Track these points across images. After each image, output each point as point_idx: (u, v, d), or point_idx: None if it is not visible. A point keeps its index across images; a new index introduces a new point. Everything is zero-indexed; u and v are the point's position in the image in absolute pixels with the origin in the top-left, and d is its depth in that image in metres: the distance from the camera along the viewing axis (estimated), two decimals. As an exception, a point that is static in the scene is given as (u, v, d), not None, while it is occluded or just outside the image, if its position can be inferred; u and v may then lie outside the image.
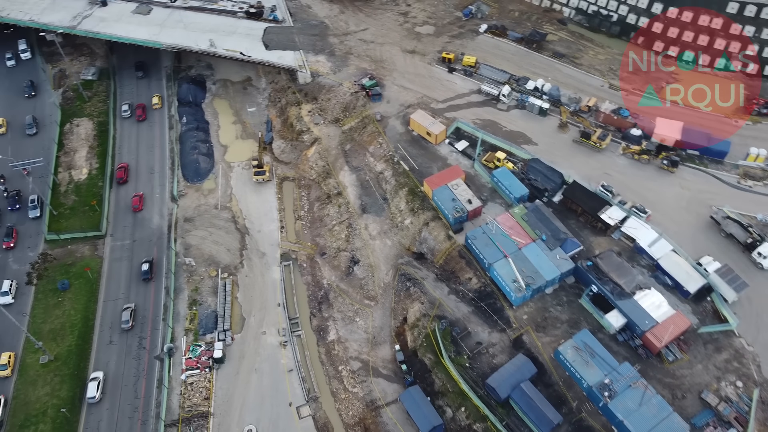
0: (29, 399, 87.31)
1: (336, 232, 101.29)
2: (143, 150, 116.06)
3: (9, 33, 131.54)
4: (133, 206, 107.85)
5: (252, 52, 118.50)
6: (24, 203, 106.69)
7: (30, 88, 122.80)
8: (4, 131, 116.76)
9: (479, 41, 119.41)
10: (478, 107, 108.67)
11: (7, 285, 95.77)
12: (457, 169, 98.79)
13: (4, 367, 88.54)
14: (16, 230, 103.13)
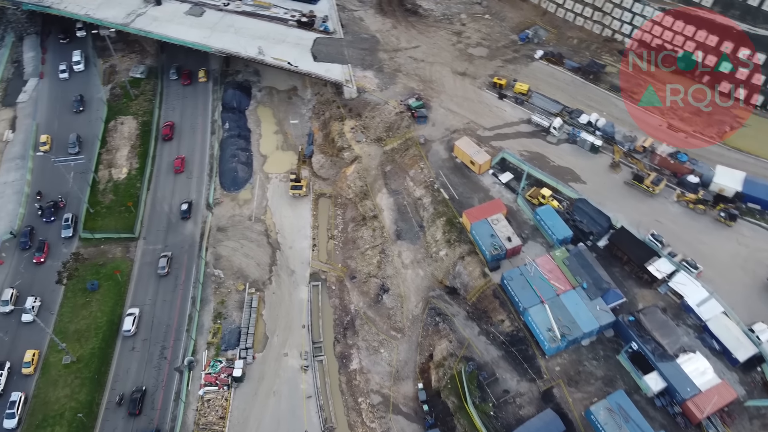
0: (49, 399, 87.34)
1: (368, 256, 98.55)
2: (184, 153, 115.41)
3: (65, 43, 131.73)
4: (174, 168, 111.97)
5: (300, 62, 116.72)
6: (60, 215, 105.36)
7: (78, 103, 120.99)
8: (47, 149, 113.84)
9: (533, 68, 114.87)
10: (526, 138, 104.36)
11: (30, 302, 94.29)
12: (499, 203, 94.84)
13: (28, 365, 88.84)
14: (47, 245, 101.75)
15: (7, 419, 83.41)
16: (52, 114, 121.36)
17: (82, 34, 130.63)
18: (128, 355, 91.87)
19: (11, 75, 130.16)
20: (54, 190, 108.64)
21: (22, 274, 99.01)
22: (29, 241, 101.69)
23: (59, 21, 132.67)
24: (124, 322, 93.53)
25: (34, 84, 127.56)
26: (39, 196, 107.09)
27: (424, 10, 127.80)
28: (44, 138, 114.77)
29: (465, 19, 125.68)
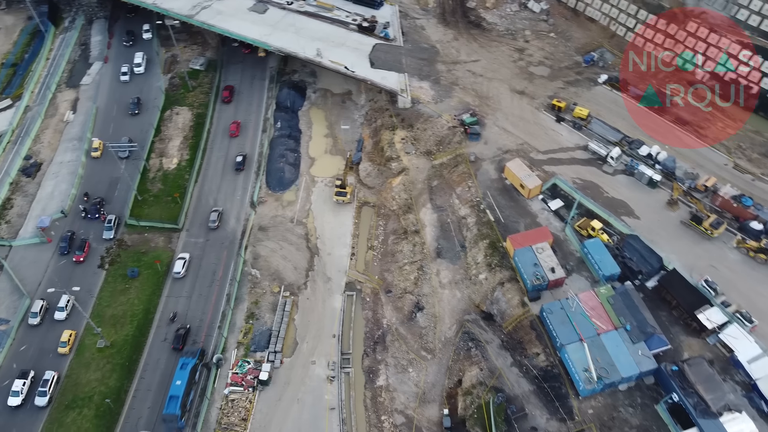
0: (80, 380, 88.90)
1: (406, 271, 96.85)
2: (233, 150, 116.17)
3: (129, 46, 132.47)
4: (230, 132, 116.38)
5: (357, 67, 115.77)
6: (106, 212, 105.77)
7: (135, 106, 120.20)
8: (98, 155, 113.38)
9: (595, 92, 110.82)
10: (581, 165, 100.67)
11: (65, 301, 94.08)
12: (545, 231, 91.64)
13: (64, 344, 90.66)
14: (89, 244, 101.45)
15: (39, 397, 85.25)
16: (111, 99, 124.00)
17: (140, 71, 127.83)
18: (160, 346, 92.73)
19: (78, 57, 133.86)
20: (106, 174, 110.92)
21: (60, 273, 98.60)
22: (68, 246, 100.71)
23: (128, 8, 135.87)
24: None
25: (98, 68, 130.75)
26: (86, 197, 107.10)
27: (488, 24, 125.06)
28: (96, 144, 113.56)
29: (529, 36, 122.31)
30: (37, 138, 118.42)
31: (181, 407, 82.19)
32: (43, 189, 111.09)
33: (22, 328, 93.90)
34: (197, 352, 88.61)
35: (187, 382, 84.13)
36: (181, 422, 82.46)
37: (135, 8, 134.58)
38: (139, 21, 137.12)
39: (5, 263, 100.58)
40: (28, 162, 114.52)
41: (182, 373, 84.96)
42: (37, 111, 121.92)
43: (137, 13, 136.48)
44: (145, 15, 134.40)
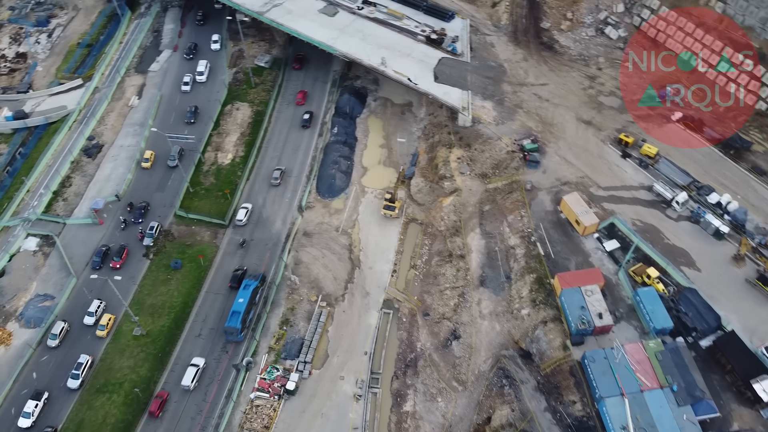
0: (113, 366, 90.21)
1: (446, 296, 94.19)
2: (288, 150, 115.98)
3: (192, 55, 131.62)
4: (296, 100, 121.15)
5: (420, 80, 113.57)
6: (148, 220, 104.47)
7: (192, 115, 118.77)
8: (149, 166, 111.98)
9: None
10: (643, 206, 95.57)
11: (95, 305, 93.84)
12: (597, 274, 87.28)
13: (103, 327, 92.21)
14: (127, 251, 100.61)
15: (72, 379, 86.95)
16: (175, 89, 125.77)
17: (202, 80, 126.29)
18: (193, 341, 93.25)
19: (149, 43, 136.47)
20: (161, 163, 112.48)
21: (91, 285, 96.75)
22: (101, 262, 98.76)
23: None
24: None
25: (167, 56, 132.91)
26: (130, 208, 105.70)
27: (561, 47, 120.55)
28: (148, 154, 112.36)
29: (602, 63, 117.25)
30: (102, 120, 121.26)
31: (241, 322, 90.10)
32: (102, 170, 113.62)
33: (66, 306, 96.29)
34: (259, 276, 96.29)
35: (249, 301, 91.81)
36: (240, 336, 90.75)
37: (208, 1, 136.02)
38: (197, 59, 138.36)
39: (58, 240, 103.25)
40: (91, 142, 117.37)
41: (245, 292, 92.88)
42: (104, 93, 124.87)
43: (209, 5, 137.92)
44: (205, 53, 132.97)
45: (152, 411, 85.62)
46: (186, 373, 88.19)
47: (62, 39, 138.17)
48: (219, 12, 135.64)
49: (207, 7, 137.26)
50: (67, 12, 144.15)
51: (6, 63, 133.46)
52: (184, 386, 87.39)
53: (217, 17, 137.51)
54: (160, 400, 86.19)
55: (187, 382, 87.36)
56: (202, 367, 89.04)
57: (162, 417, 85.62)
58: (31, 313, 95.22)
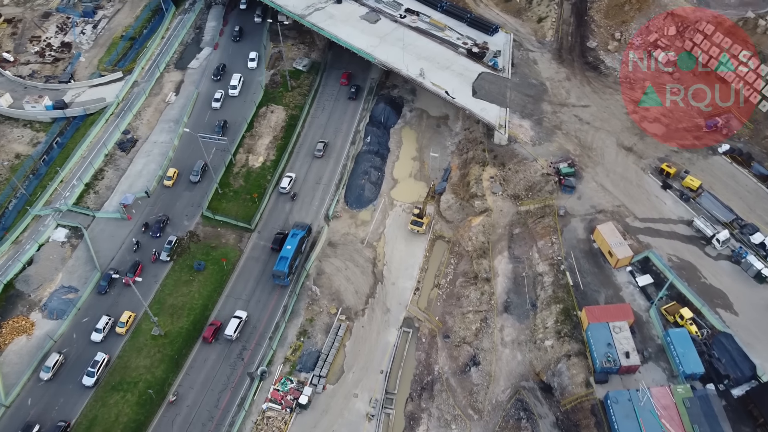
0: (130, 364, 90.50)
1: (468, 320, 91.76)
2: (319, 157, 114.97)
3: (220, 77, 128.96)
4: (341, 81, 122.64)
5: (458, 94, 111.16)
6: (166, 235, 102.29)
7: (219, 129, 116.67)
8: (171, 184, 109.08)
9: (712, 162, 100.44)
10: (680, 242, 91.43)
11: (103, 322, 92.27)
12: (627, 310, 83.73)
13: (122, 324, 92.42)
14: (141, 267, 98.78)
15: (87, 377, 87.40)
16: (212, 87, 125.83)
17: (234, 93, 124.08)
18: (209, 346, 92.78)
19: (190, 40, 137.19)
20: (192, 164, 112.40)
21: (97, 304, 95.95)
22: (108, 287, 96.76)
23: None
24: None
25: (207, 53, 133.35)
26: (144, 228, 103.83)
27: (606, 68, 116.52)
28: (171, 172, 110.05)
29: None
30: (138, 114, 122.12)
31: (288, 267, 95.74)
32: (134, 165, 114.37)
33: (88, 301, 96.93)
34: (306, 227, 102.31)
35: (296, 248, 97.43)
36: (287, 280, 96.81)
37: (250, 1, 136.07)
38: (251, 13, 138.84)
39: (86, 233, 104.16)
40: (126, 136, 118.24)
41: (293, 240, 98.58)
42: (143, 88, 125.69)
43: (250, 6, 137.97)
44: (237, 67, 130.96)
45: (206, 337, 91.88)
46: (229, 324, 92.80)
47: (106, 31, 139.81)
48: (257, 26, 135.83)
49: (246, 18, 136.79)
50: (113, 4, 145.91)
51: (51, 52, 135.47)
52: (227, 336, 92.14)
53: (254, 31, 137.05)
54: (213, 327, 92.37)
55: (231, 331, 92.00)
56: (244, 320, 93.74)
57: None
58: (55, 305, 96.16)
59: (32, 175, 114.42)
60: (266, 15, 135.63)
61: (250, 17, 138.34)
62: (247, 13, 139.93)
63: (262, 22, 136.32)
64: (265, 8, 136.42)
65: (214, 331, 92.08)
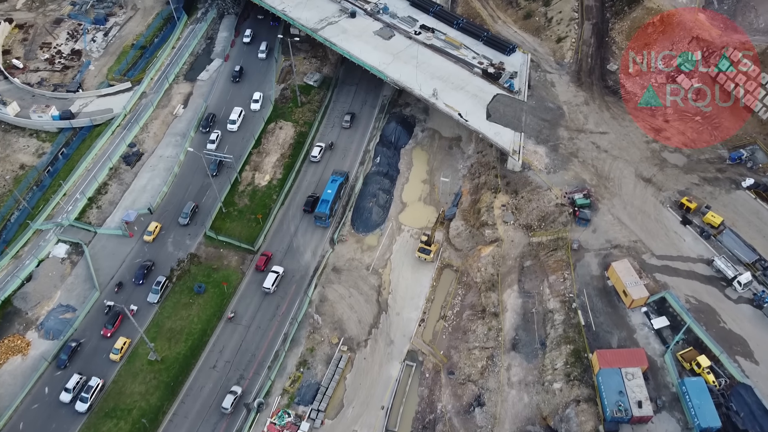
0: (125, 390, 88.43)
1: (474, 356, 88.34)
2: (327, 176, 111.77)
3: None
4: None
5: (471, 117, 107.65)
6: (152, 279, 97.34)
7: (215, 167, 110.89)
8: (151, 240, 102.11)
9: (735, 198, 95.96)
10: (699, 282, 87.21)
11: (74, 381, 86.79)
12: (641, 355, 79.76)
13: (117, 351, 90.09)
14: (121, 319, 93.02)
15: (80, 402, 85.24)
16: (222, 100, 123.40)
17: (233, 129, 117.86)
18: (207, 372, 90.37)
19: (201, 51, 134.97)
20: (197, 181, 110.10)
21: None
22: (68, 360, 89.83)
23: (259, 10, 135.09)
24: None
25: (218, 65, 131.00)
26: (117, 289, 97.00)
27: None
28: (153, 227, 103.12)
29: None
30: (145, 127, 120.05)
31: (329, 209, 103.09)
32: (139, 180, 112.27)
33: (85, 322, 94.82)
34: (344, 174, 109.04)
35: (335, 193, 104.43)
36: (328, 221, 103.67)
37: (266, 12, 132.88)
38: (266, 24, 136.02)
39: (86, 249, 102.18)
40: (131, 150, 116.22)
41: (333, 185, 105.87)
42: (151, 99, 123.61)
43: (266, 16, 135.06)
44: (239, 100, 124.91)
45: (258, 265, 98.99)
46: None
47: (117, 39, 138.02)
48: (271, 30, 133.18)
49: (259, 25, 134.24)
50: (125, 11, 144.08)
51: (61, 59, 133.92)
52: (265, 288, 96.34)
53: (267, 35, 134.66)
54: (265, 257, 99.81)
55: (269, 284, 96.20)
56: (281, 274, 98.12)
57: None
58: (51, 324, 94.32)
59: (36, 187, 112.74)
60: (272, 52, 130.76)
61: (254, 52, 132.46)
62: (251, 47, 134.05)
63: (267, 58, 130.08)
64: (270, 43, 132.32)
65: (266, 260, 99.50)
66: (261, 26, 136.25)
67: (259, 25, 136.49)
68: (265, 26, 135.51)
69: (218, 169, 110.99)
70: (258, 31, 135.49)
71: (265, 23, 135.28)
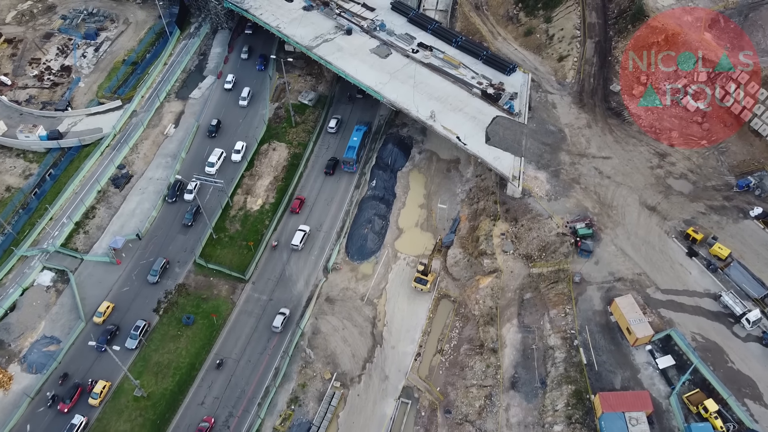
0: (109, 429, 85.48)
1: (472, 395, 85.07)
2: (321, 201, 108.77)
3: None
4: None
5: (470, 140, 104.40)
6: (123, 337, 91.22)
7: (190, 216, 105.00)
8: (101, 322, 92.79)
9: (743, 227, 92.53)
10: (706, 318, 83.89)
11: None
12: (645, 399, 76.45)
13: (96, 396, 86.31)
14: (80, 391, 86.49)
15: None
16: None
17: (213, 171, 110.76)
18: (195, 409, 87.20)
19: (194, 67, 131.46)
20: (186, 206, 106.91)
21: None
22: (54, 399, 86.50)
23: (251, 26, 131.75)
24: None
25: (210, 82, 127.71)
26: (61, 381, 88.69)
27: (630, 114, 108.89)
28: (103, 307, 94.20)
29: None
30: (135, 147, 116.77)
31: (356, 154, 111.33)
32: (127, 204, 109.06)
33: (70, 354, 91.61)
34: (368, 123, 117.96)
35: (360, 140, 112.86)
36: (354, 166, 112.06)
37: (257, 27, 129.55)
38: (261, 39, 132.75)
39: (72, 277, 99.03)
40: (120, 171, 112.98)
41: (358, 133, 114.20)
42: (141, 118, 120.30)
43: (256, 32, 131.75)
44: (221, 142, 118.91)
45: (294, 208, 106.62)
46: None
47: (108, 54, 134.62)
48: (241, 111, 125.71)
49: (229, 104, 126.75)
50: (117, 25, 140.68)
51: (50, 76, 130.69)
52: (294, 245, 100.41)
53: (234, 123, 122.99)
54: (299, 201, 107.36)
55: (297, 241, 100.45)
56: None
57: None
58: (34, 358, 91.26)
59: (22, 210, 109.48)
60: (253, 99, 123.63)
61: (234, 100, 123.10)
62: (230, 95, 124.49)
63: (246, 106, 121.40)
64: (254, 88, 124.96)
65: (300, 203, 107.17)
66: (256, 41, 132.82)
67: (254, 41, 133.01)
68: (260, 42, 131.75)
69: (194, 219, 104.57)
70: (254, 46, 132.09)
71: (260, 38, 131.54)
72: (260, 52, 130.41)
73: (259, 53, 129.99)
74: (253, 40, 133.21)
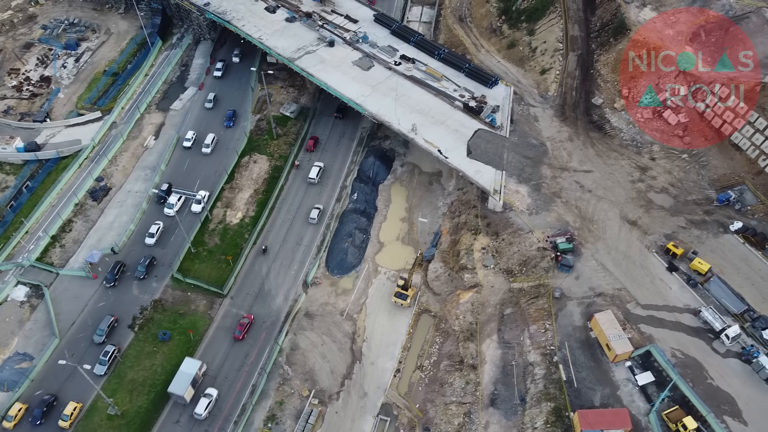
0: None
1: (451, 412, 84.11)
2: (302, 214, 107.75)
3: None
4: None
5: (451, 153, 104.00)
6: (55, 415, 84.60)
7: (143, 269, 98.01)
8: (11, 426, 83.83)
9: (723, 242, 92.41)
10: (686, 334, 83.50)
11: None
12: (624, 417, 75.74)
13: (66, 418, 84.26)
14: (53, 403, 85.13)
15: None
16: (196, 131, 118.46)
17: (170, 213, 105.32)
18: (171, 428, 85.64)
19: (175, 79, 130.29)
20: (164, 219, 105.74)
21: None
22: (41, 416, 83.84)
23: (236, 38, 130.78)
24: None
25: (191, 94, 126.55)
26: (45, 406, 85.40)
27: (611, 128, 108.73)
28: (14, 410, 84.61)
29: (657, 153, 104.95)
30: (114, 160, 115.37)
31: None
32: (105, 217, 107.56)
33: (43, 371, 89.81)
34: None
35: None
36: None
37: (239, 38, 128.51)
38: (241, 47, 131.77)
39: (47, 292, 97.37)
40: (99, 184, 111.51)
41: None
42: (121, 130, 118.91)
43: (238, 43, 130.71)
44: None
45: (309, 146, 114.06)
46: None
47: (89, 65, 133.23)
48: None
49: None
50: (98, 36, 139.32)
51: (29, 86, 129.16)
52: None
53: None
54: (313, 140, 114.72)
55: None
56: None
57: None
58: (6, 375, 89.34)
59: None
60: (239, 120, 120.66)
61: (214, 122, 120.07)
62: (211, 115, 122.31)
63: (210, 154, 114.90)
64: (238, 108, 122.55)
65: (315, 143, 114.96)
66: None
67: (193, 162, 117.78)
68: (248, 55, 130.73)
69: (146, 271, 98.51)
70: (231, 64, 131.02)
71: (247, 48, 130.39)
72: (239, 67, 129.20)
73: (230, 105, 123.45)
74: (228, 53, 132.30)
